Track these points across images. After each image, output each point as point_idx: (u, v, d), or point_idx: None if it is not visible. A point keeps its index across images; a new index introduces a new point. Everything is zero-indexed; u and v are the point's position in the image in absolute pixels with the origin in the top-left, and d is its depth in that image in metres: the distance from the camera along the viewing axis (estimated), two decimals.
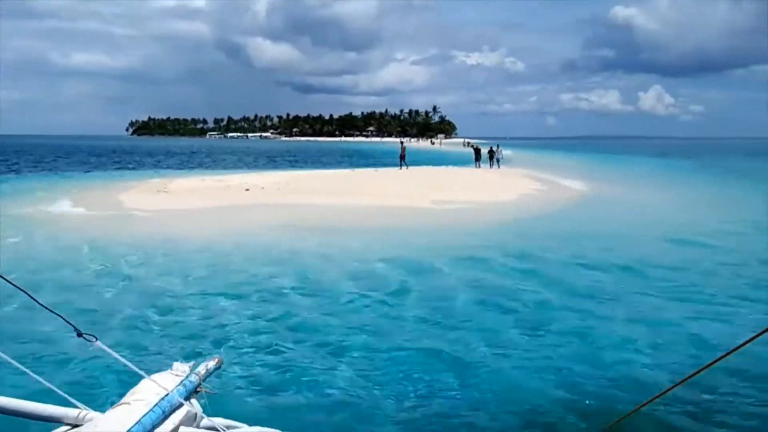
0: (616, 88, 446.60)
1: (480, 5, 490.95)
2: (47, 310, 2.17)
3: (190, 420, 2.17)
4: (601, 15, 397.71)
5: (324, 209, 18.73)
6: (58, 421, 2.17)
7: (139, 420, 1.94)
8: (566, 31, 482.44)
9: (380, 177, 31.35)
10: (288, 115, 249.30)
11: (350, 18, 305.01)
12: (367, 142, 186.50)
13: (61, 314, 2.17)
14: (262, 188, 24.41)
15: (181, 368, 2.37)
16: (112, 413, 2.04)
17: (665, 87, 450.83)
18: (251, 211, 18.23)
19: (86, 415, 2.15)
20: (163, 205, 19.94)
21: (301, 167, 48.07)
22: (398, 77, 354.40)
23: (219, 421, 2.19)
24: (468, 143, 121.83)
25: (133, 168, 46.62)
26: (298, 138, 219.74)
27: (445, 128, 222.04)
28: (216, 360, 2.51)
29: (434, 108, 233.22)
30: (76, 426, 2.12)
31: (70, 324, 2.08)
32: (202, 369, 2.40)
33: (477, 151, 41.83)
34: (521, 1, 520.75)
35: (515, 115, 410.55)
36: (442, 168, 39.53)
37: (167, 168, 46.58)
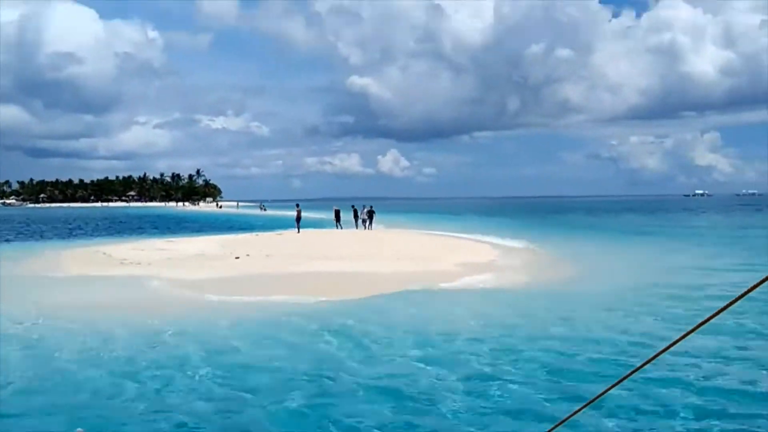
0: (357, 152, 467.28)
1: (224, 70, 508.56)
2: None
3: None
4: (340, 83, 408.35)
5: (356, 275, 18.24)
6: None
7: None
8: (309, 97, 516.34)
9: (314, 240, 31.49)
10: (32, 180, 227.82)
11: (87, 80, 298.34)
12: (135, 207, 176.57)
13: None
14: (248, 255, 23.17)
15: None
16: None
17: (401, 151, 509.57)
18: (292, 282, 17.18)
19: None
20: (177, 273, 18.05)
21: (166, 235, 43.53)
22: (140, 141, 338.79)
23: None
24: (263, 207, 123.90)
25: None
26: (49, 204, 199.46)
27: (211, 191, 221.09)
28: None
29: (198, 171, 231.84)
30: None
31: None
32: None
33: (337, 213, 40.75)
34: (264, 67, 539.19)
35: (262, 177, 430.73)
36: (324, 230, 38.93)
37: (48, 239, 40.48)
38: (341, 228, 39.26)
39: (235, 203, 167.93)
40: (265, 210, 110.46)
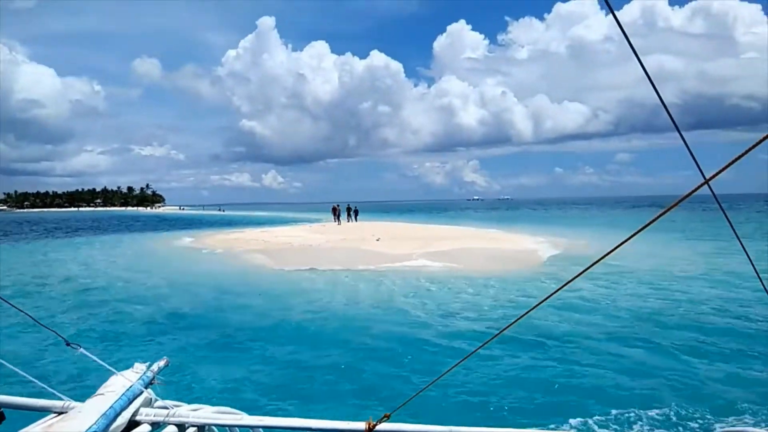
0: (247, 172, 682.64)
1: (151, 114, 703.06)
2: (42, 326, 2.81)
3: (148, 403, 2.73)
4: (235, 125, 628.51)
5: (492, 250, 25.15)
6: (47, 411, 2.60)
7: (111, 405, 2.45)
8: (213, 134, 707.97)
9: (359, 228, 41.01)
10: (16, 191, 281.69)
11: (48, 119, 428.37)
12: (104, 210, 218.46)
13: (53, 329, 2.85)
14: (378, 240, 29.86)
15: (140, 367, 2.93)
16: (91, 402, 2.53)
17: (278, 171, 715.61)
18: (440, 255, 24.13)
19: (69, 404, 2.60)
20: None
21: (225, 228, 55.17)
22: (87, 163, 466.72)
23: (168, 402, 2.75)
24: (221, 209, 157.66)
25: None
26: (31, 210, 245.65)
27: (158, 199, 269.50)
28: (165, 360, 3.08)
29: (147, 185, 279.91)
30: (62, 413, 2.55)
31: (61, 337, 2.64)
32: (155, 367, 2.97)
33: (334, 210, 50.18)
34: (181, 112, 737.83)
35: (178, 190, 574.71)
36: (329, 223, 48.41)
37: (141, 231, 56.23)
38: (339, 222, 47.82)
39: (177, 207, 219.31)
40: (223, 211, 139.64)
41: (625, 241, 1.79)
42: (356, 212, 50.66)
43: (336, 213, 49.73)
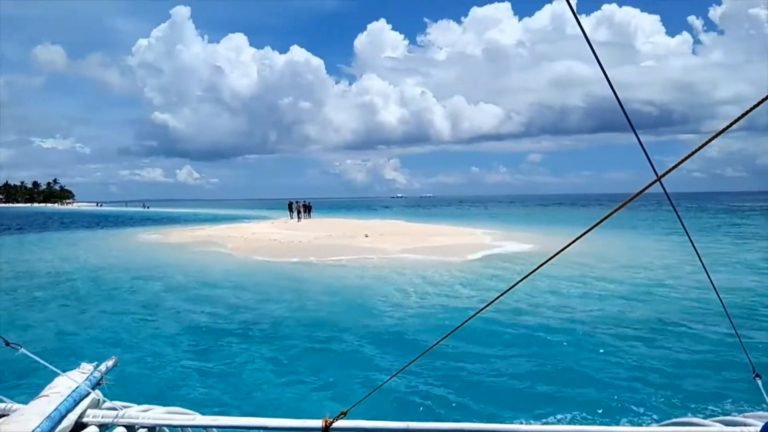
0: (160, 167, 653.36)
1: (55, 104, 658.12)
2: None
3: (95, 404, 2.63)
4: (147, 117, 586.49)
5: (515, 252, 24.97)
6: None
7: (56, 407, 2.35)
8: (123, 126, 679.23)
9: (324, 224, 42.60)
10: None
11: None
12: (6, 207, 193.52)
13: None
14: (381, 234, 31.94)
15: (87, 367, 2.79)
16: (34, 404, 2.40)
17: (193, 166, 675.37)
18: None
19: (11, 407, 2.48)
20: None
21: (175, 226, 53.60)
22: None
23: (117, 404, 2.61)
24: (146, 206, 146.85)
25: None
26: None
27: (67, 195, 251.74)
28: (113, 360, 2.97)
29: (55, 179, 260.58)
30: (3, 416, 2.42)
31: (0, 337, 2.51)
32: (103, 367, 2.85)
33: (290, 206, 51.79)
34: (88, 103, 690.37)
35: (84, 185, 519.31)
36: (285, 219, 50.32)
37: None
38: (299, 219, 48.85)
39: (94, 204, 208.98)
40: (147, 208, 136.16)
41: (582, 235, 1.91)
42: (309, 208, 51.29)
43: (295, 209, 50.19)
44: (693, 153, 1.65)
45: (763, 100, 1.46)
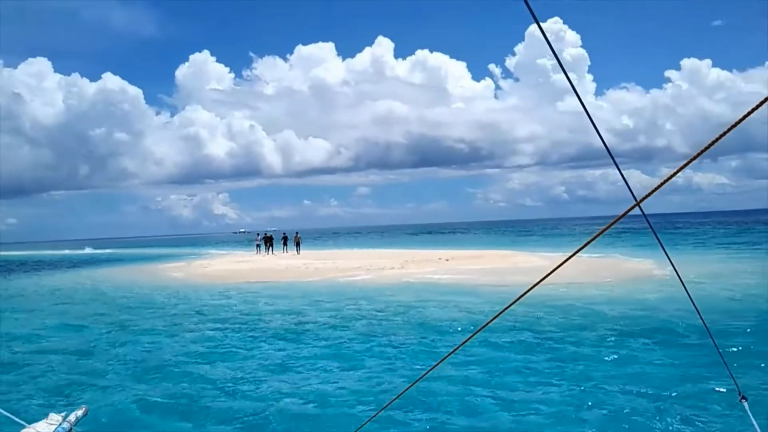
0: None
1: None
2: None
3: None
4: None
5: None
6: None
7: None
8: None
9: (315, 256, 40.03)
10: None
11: None
12: None
13: None
14: (447, 260, 31.14)
15: (54, 418, 2.62)
16: None
17: None
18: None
19: None
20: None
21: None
22: None
23: None
24: None
25: None
26: None
27: None
28: (83, 409, 2.81)
29: None
30: None
31: None
32: (72, 417, 2.69)
33: (269, 240, 46.61)
34: None
35: None
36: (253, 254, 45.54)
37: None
38: (269, 252, 45.18)
39: None
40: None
41: (570, 257, 1.84)
42: (298, 242, 45.97)
43: (263, 242, 46.70)
44: (669, 178, 1.59)
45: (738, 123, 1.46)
